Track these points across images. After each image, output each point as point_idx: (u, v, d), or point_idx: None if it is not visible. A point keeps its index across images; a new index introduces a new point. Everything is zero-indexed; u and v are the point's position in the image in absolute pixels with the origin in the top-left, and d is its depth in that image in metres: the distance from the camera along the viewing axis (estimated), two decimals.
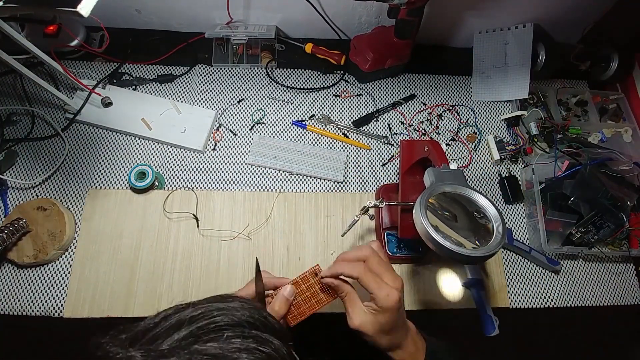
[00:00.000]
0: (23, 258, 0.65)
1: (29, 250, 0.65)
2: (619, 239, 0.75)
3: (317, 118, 0.83)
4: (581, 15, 0.87)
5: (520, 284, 0.75)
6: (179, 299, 0.67)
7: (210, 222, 0.72)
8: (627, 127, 0.88)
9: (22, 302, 0.66)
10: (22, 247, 0.65)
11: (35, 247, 0.66)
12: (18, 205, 0.68)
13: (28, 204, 0.68)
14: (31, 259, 0.65)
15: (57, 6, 0.47)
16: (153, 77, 0.82)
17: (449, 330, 0.74)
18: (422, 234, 0.47)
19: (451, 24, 0.89)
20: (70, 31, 0.78)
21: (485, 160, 0.84)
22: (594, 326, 0.75)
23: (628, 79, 0.91)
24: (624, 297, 0.77)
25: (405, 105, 0.87)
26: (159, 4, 0.80)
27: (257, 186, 0.77)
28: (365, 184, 0.79)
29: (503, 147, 0.83)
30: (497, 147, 0.82)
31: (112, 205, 0.72)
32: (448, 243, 0.45)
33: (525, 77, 0.85)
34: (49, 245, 0.66)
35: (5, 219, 0.67)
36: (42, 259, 0.65)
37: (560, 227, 0.75)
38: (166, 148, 0.78)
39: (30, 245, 0.66)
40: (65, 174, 0.74)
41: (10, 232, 0.62)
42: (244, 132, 0.81)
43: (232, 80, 0.85)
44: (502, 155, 0.82)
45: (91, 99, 0.76)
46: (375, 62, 0.81)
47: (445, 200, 0.53)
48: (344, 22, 0.87)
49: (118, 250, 0.69)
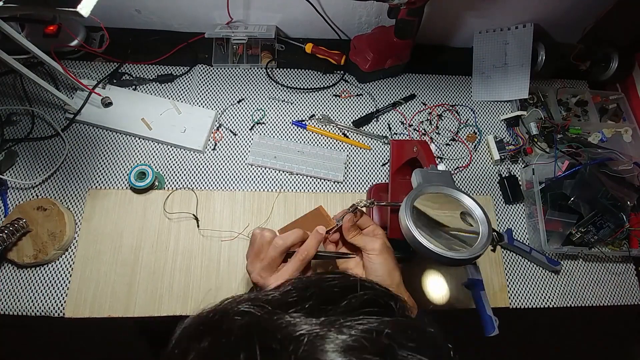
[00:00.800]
0: (23, 258, 0.65)
1: (29, 250, 0.65)
2: (619, 239, 0.75)
3: (317, 118, 0.83)
4: (581, 15, 0.87)
5: (520, 284, 0.75)
6: (180, 298, 0.67)
7: (210, 222, 0.73)
8: (627, 127, 0.88)
9: (23, 302, 0.66)
10: (22, 247, 0.66)
11: (35, 247, 0.66)
12: (18, 205, 0.68)
13: (28, 204, 0.68)
14: (31, 259, 0.65)
15: (57, 6, 0.47)
16: (153, 77, 0.82)
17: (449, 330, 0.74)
18: (406, 235, 0.47)
19: (451, 24, 0.89)
20: (70, 31, 0.78)
21: (486, 160, 0.84)
22: (594, 326, 0.75)
23: (628, 79, 0.91)
24: (624, 297, 0.77)
25: (405, 105, 0.87)
26: (159, 4, 0.80)
27: (257, 186, 0.77)
28: (365, 183, 0.79)
29: (503, 147, 0.83)
30: (497, 147, 0.82)
31: (112, 205, 0.72)
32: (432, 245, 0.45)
33: (525, 77, 0.85)
34: (49, 245, 0.66)
35: (5, 219, 0.67)
36: (42, 259, 0.65)
37: (560, 227, 0.75)
38: (166, 148, 0.78)
39: (30, 245, 0.66)
40: (66, 174, 0.74)
41: (10, 232, 0.62)
42: (244, 132, 0.81)
43: (232, 80, 0.85)
44: (502, 155, 0.82)
45: (91, 99, 0.76)
46: (375, 62, 0.81)
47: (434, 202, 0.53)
48: (344, 22, 0.87)
49: (119, 250, 0.69)
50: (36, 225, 0.67)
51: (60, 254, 0.68)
